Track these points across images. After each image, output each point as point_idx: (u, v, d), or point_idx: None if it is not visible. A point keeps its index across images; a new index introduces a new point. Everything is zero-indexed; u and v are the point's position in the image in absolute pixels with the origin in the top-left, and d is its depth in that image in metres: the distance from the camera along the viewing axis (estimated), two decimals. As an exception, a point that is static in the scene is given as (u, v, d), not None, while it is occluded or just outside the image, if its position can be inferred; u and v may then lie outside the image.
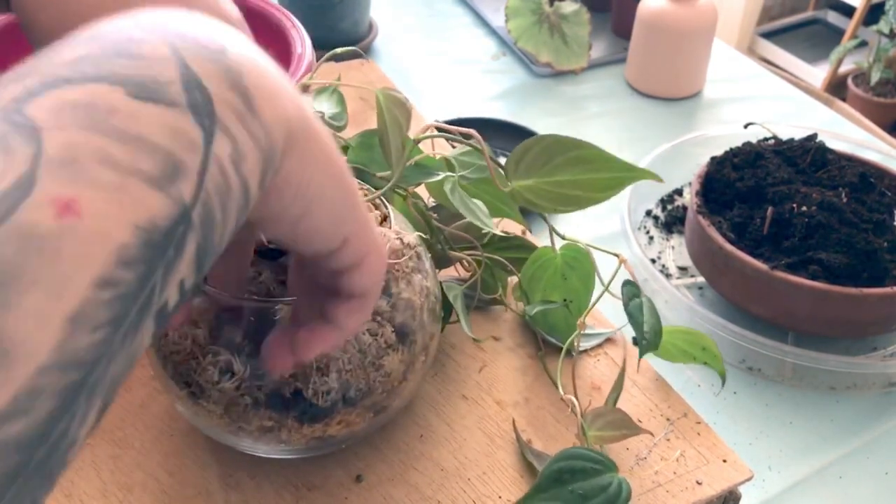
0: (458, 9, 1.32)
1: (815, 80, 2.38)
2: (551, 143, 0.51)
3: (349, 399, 0.44)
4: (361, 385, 0.44)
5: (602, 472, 0.45)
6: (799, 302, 0.68)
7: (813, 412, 0.69)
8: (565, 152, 0.51)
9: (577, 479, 0.44)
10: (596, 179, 0.51)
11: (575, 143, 0.51)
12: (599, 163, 0.51)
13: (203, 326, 0.43)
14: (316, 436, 0.45)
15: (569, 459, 0.45)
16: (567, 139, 0.51)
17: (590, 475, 0.45)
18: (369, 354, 0.44)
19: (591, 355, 0.57)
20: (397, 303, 0.45)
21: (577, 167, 0.51)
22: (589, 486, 0.44)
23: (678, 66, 1.09)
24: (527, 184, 0.51)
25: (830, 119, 1.10)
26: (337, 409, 0.44)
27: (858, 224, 0.71)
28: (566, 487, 0.44)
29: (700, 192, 0.78)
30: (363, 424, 0.46)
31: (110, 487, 0.48)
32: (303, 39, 0.69)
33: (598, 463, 0.45)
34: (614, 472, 0.45)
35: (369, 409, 0.46)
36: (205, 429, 0.48)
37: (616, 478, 0.45)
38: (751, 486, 0.62)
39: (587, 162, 0.51)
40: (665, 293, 0.75)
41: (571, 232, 0.90)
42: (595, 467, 0.45)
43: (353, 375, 0.43)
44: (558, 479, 0.44)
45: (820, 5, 2.69)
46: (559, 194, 0.51)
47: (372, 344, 0.44)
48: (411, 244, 0.48)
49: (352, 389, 0.44)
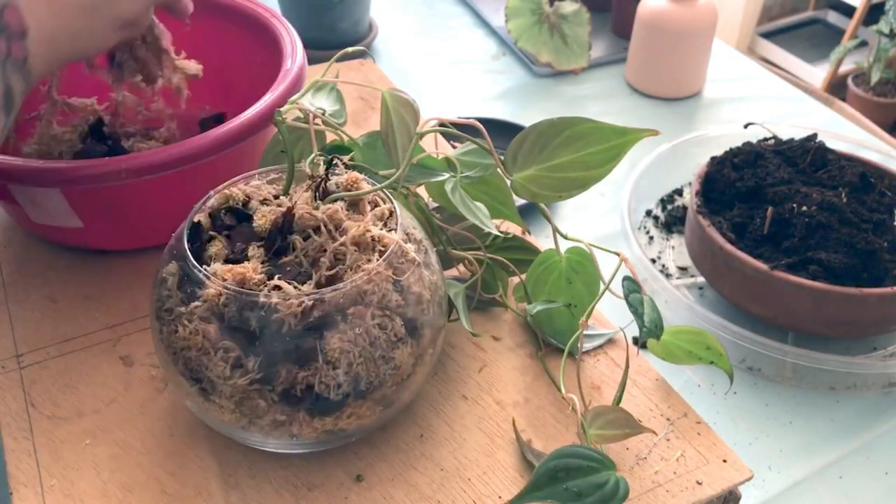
0: (458, 9, 1.32)
1: (815, 80, 2.38)
2: (545, 127, 0.51)
3: (359, 392, 0.44)
4: (372, 378, 0.44)
5: (598, 469, 0.45)
6: (799, 302, 0.68)
7: (813, 412, 0.69)
8: (559, 133, 0.50)
9: (573, 476, 0.44)
10: (593, 154, 0.51)
11: (567, 122, 0.50)
12: (594, 136, 0.50)
13: (214, 322, 0.43)
14: (326, 429, 0.45)
15: (564, 457, 0.45)
16: (559, 120, 0.50)
17: (586, 473, 0.45)
18: (379, 348, 0.44)
19: (591, 355, 0.57)
20: (407, 297, 0.45)
21: (573, 146, 0.50)
22: (585, 483, 0.44)
23: (678, 66, 1.09)
24: (527, 174, 0.51)
25: (830, 119, 1.10)
26: (347, 402, 0.44)
27: (858, 224, 0.71)
28: (561, 485, 0.44)
29: (700, 192, 0.78)
30: (373, 418, 0.46)
31: (110, 487, 0.48)
32: (293, 41, 0.69)
33: (595, 461, 0.45)
34: (612, 471, 0.45)
35: (379, 403, 0.46)
36: (214, 425, 0.48)
37: (613, 476, 0.45)
38: (751, 486, 0.62)
39: (581, 138, 0.50)
40: (665, 293, 0.75)
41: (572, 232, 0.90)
42: (591, 465, 0.45)
43: (364, 368, 0.44)
44: (553, 477, 0.44)
45: (820, 5, 2.69)
46: (560, 179, 0.51)
47: (382, 337, 0.44)
48: (419, 239, 0.48)
49: (362, 382, 0.44)
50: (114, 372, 0.55)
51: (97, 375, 0.55)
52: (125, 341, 0.57)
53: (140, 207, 0.61)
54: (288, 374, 0.43)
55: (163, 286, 0.46)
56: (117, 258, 0.64)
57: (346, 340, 0.43)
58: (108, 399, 0.53)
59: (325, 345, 0.42)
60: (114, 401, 0.53)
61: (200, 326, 0.43)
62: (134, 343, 0.57)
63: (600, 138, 0.50)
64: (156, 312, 0.46)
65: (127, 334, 0.58)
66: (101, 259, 0.64)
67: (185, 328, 0.44)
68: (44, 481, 0.48)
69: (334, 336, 0.43)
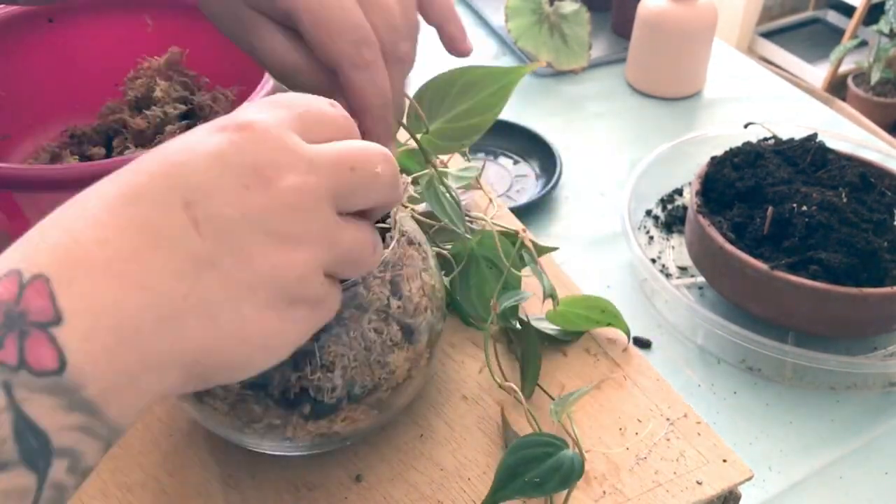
0: (458, 9, 1.32)
1: (815, 80, 2.38)
2: (440, 82, 0.52)
3: (354, 396, 0.44)
4: (366, 382, 0.44)
5: (553, 453, 0.46)
6: (799, 302, 0.68)
7: (813, 412, 0.69)
8: (454, 83, 0.52)
9: (532, 467, 0.45)
10: (486, 97, 0.52)
11: (460, 72, 0.52)
12: (486, 80, 0.52)
13: None
14: (321, 433, 0.45)
15: (520, 450, 0.46)
16: (451, 72, 0.52)
17: (542, 459, 0.45)
18: (374, 352, 0.44)
19: (591, 354, 0.57)
20: (405, 301, 0.45)
21: (468, 93, 0.52)
22: (543, 470, 0.45)
23: (678, 65, 1.09)
24: (434, 128, 0.52)
25: (830, 119, 1.10)
26: (342, 406, 0.44)
27: (858, 224, 0.71)
28: (522, 479, 0.45)
29: (700, 192, 0.78)
30: (368, 421, 0.46)
31: (110, 487, 0.48)
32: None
33: (548, 445, 0.46)
34: (564, 449, 0.46)
35: (374, 406, 0.46)
36: (210, 426, 0.48)
37: (566, 454, 0.46)
38: (751, 486, 0.62)
39: (475, 84, 0.52)
40: (665, 293, 0.75)
41: (571, 232, 0.90)
42: (546, 451, 0.46)
43: (359, 372, 0.43)
44: (513, 473, 0.45)
45: (820, 5, 2.69)
46: (462, 128, 0.52)
47: (377, 341, 0.44)
48: (419, 242, 0.48)
49: (357, 386, 0.44)
50: (114, 372, 0.55)
51: (97, 375, 0.55)
52: (125, 341, 0.57)
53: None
54: (282, 377, 0.42)
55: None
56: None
57: (342, 344, 0.43)
58: (107, 399, 0.53)
59: (319, 348, 0.42)
60: None
61: None
62: (134, 343, 0.57)
63: (491, 80, 0.52)
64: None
65: (127, 334, 0.58)
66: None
67: None
68: (43, 481, 0.48)
69: (329, 339, 0.42)
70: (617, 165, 0.98)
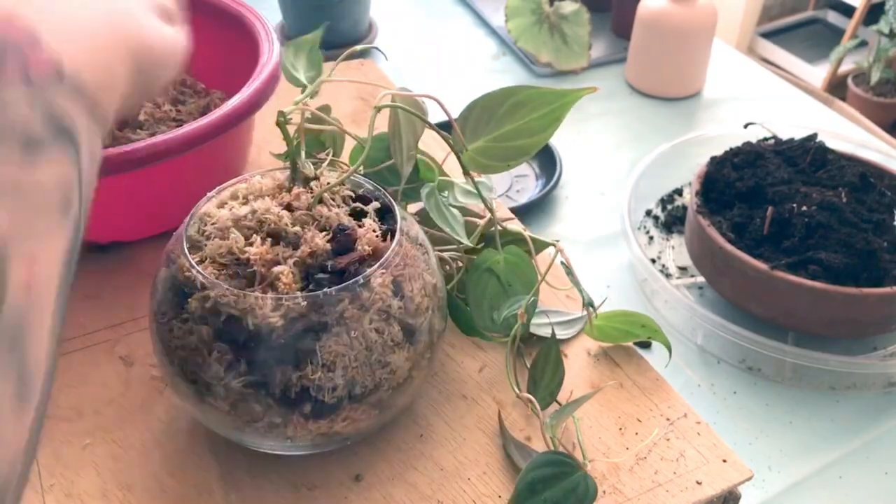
0: (458, 9, 1.32)
1: (815, 80, 2.38)
2: (487, 100, 0.51)
3: (355, 396, 0.44)
4: (367, 382, 0.44)
5: (569, 473, 0.46)
6: (799, 302, 0.68)
7: (813, 412, 0.69)
8: (503, 103, 0.51)
9: (549, 486, 0.45)
10: (536, 120, 0.51)
11: (509, 92, 0.51)
12: (536, 101, 0.51)
13: (209, 323, 0.43)
14: (321, 432, 0.45)
15: (539, 468, 0.46)
16: (501, 91, 0.51)
17: (559, 479, 0.46)
18: (375, 352, 0.44)
19: (590, 355, 0.57)
20: (406, 301, 0.45)
21: (516, 114, 0.51)
22: (560, 490, 0.46)
23: (678, 66, 1.09)
24: (476, 147, 0.52)
25: (830, 119, 1.10)
26: (342, 405, 0.44)
27: (858, 224, 0.71)
28: (540, 497, 0.45)
29: (700, 192, 0.78)
30: (368, 421, 0.46)
31: (110, 487, 0.48)
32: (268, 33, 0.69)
33: (564, 465, 0.46)
34: (579, 471, 0.46)
35: (374, 407, 0.46)
36: (210, 425, 0.48)
37: (580, 476, 0.46)
38: (751, 486, 0.62)
39: (524, 105, 0.51)
40: (665, 293, 0.75)
41: (571, 232, 0.90)
42: (563, 470, 0.46)
43: (359, 372, 0.43)
44: (533, 490, 0.45)
45: (820, 5, 2.69)
46: (506, 148, 0.52)
47: (378, 341, 0.44)
48: (423, 243, 0.48)
49: (357, 386, 0.44)
50: (114, 372, 0.55)
51: (97, 375, 0.55)
52: (125, 341, 0.57)
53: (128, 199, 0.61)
54: (283, 376, 0.42)
55: (161, 286, 0.46)
56: (117, 258, 0.64)
57: (343, 344, 0.43)
58: (107, 399, 0.53)
59: (320, 347, 0.42)
60: (114, 401, 0.53)
61: (195, 327, 0.43)
62: (134, 343, 0.57)
63: (542, 103, 0.51)
64: (154, 312, 0.46)
65: (127, 334, 0.58)
66: (101, 259, 0.64)
67: (181, 328, 0.43)
68: (43, 481, 0.48)
69: (330, 339, 0.42)
70: (617, 165, 0.98)
